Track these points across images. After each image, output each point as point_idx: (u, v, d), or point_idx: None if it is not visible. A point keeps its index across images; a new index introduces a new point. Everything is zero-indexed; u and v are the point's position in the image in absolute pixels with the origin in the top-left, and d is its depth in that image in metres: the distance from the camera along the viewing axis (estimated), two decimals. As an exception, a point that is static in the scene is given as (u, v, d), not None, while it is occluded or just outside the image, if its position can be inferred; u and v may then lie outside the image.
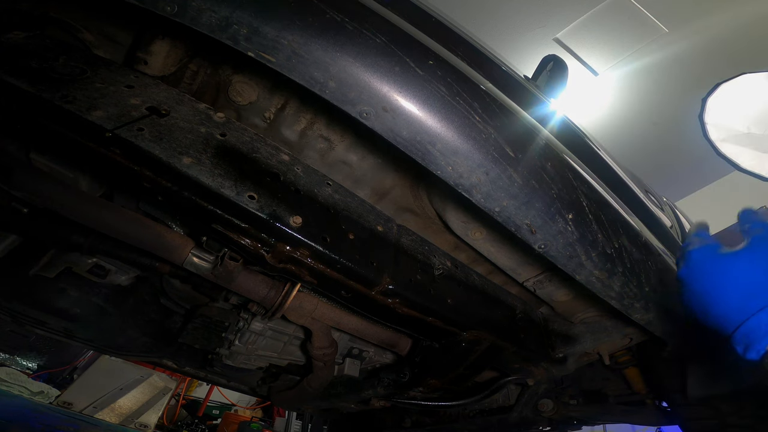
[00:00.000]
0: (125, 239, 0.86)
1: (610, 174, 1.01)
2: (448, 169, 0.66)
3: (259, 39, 0.58)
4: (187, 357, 1.59)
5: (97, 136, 0.67)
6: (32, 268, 1.12)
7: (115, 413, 2.63)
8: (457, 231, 1.00)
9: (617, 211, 0.82)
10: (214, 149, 0.74)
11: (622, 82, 3.05)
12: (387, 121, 0.63)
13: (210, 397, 3.78)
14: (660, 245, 0.94)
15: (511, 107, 0.71)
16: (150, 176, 0.70)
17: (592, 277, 0.80)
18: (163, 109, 0.74)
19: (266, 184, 0.76)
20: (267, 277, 1.00)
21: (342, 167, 1.01)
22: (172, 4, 0.57)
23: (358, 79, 0.60)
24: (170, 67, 0.87)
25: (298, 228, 0.76)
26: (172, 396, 3.23)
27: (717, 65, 2.70)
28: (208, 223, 0.75)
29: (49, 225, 0.91)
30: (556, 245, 0.75)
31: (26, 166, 0.86)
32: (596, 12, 2.65)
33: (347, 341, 1.38)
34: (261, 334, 1.27)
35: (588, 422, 1.65)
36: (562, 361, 1.25)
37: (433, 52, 0.66)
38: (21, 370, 2.80)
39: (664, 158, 3.52)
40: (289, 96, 0.91)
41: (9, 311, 1.18)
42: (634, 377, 1.40)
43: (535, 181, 0.69)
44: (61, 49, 0.75)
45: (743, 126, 2.46)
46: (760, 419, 1.08)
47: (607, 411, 1.50)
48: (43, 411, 2.22)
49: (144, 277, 1.31)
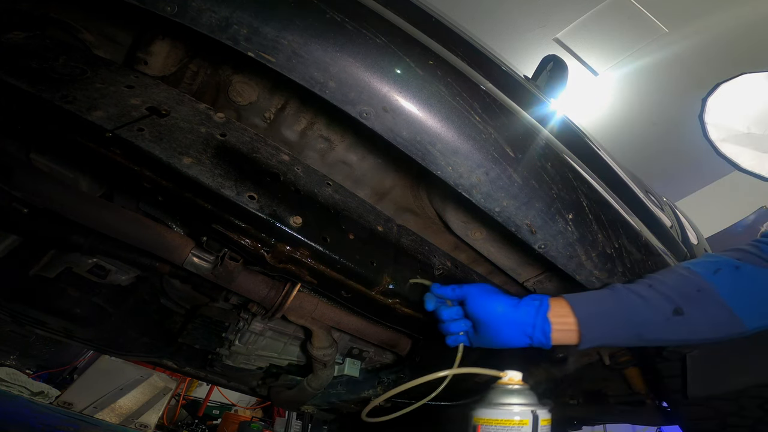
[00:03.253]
0: (125, 239, 0.86)
1: (610, 174, 1.01)
2: (448, 169, 0.66)
3: (259, 39, 0.58)
4: (187, 357, 1.60)
5: (97, 136, 0.67)
6: (32, 268, 1.12)
7: (116, 413, 2.63)
8: (457, 231, 1.00)
9: (617, 211, 0.82)
10: (215, 149, 0.74)
11: (622, 82, 3.04)
12: (387, 121, 0.63)
13: (210, 397, 3.78)
14: (660, 245, 0.93)
15: (511, 107, 0.71)
16: (150, 176, 0.70)
17: (593, 277, 0.80)
18: (163, 110, 0.74)
19: (266, 184, 0.76)
20: (267, 277, 1.00)
21: (342, 167, 1.01)
22: (172, 5, 0.57)
23: (358, 79, 0.60)
24: (170, 68, 0.87)
25: (298, 228, 0.76)
26: (172, 396, 3.23)
27: (717, 65, 2.70)
28: (209, 223, 0.75)
29: (49, 225, 0.91)
30: (556, 245, 0.75)
31: (26, 166, 0.86)
32: (596, 12, 2.65)
33: (347, 341, 1.38)
34: (261, 334, 1.27)
35: (588, 422, 1.65)
36: (562, 361, 1.25)
37: (433, 52, 0.66)
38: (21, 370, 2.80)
39: (664, 158, 3.52)
40: (289, 96, 0.91)
41: (9, 311, 1.18)
42: (634, 377, 1.40)
43: (535, 181, 0.69)
44: (61, 49, 0.75)
45: (743, 126, 2.45)
46: (760, 419, 1.08)
47: (607, 411, 1.50)
48: (43, 411, 2.22)
49: (144, 277, 1.31)
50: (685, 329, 0.64)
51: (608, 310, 0.67)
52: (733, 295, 0.62)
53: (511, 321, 0.67)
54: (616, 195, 0.90)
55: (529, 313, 0.66)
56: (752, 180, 2.60)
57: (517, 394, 0.62)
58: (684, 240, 1.17)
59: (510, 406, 0.60)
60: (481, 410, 0.62)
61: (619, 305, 0.66)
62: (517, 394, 0.63)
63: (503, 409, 0.60)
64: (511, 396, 0.62)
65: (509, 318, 0.67)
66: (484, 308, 0.69)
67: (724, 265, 0.65)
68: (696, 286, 0.64)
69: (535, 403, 0.62)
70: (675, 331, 0.64)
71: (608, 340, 0.67)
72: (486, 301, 0.70)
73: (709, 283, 0.63)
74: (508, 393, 0.63)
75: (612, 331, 0.66)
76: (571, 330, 0.65)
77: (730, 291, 0.62)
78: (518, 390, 0.63)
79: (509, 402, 0.61)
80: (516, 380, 0.65)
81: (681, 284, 0.65)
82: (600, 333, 0.66)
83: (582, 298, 0.68)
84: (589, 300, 0.68)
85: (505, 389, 0.64)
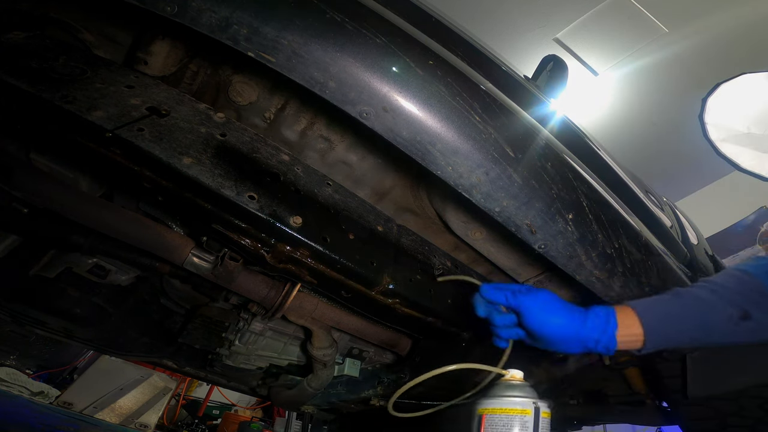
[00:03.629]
0: (125, 239, 0.86)
1: (610, 174, 1.01)
2: (448, 169, 0.66)
3: (259, 39, 0.58)
4: (187, 357, 1.60)
5: (97, 136, 0.67)
6: (32, 268, 1.12)
7: (116, 413, 2.63)
8: (457, 231, 1.00)
9: (617, 211, 0.82)
10: (215, 149, 0.74)
11: (622, 82, 3.04)
12: (387, 121, 0.63)
13: (210, 397, 3.78)
14: (660, 245, 0.93)
15: (511, 107, 0.71)
16: (150, 176, 0.70)
17: (593, 277, 0.80)
18: (163, 110, 0.74)
19: (266, 185, 0.76)
20: (267, 277, 1.00)
21: (342, 167, 1.01)
22: (172, 5, 0.57)
23: (358, 79, 0.60)
24: (170, 68, 0.87)
25: (299, 228, 0.76)
26: (172, 396, 3.23)
27: (717, 65, 2.70)
28: (209, 223, 0.75)
29: (49, 225, 0.91)
30: (556, 245, 0.75)
31: (26, 166, 0.86)
32: (596, 12, 2.65)
33: (347, 341, 1.38)
34: (261, 334, 1.27)
35: (588, 422, 1.65)
36: (562, 361, 1.25)
37: (433, 52, 0.66)
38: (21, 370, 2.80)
39: (664, 158, 3.52)
40: (289, 96, 0.91)
41: (9, 311, 1.18)
42: (634, 377, 1.40)
43: (535, 181, 0.69)
44: (61, 49, 0.75)
45: (743, 126, 2.45)
46: (760, 419, 1.08)
47: (607, 411, 1.50)
48: (43, 411, 2.22)
49: (144, 277, 1.31)
50: (750, 333, 0.64)
51: (675, 317, 0.66)
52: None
53: (574, 338, 0.65)
54: (616, 195, 0.90)
55: (596, 330, 0.65)
56: (752, 180, 2.60)
57: (520, 388, 0.65)
58: (684, 240, 1.17)
59: (513, 397, 0.63)
60: (485, 402, 0.64)
61: (684, 311, 0.66)
62: (519, 388, 0.65)
63: (507, 400, 0.63)
64: (513, 389, 0.65)
65: (572, 336, 0.65)
66: (543, 326, 0.66)
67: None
68: (758, 290, 0.64)
69: (536, 397, 0.64)
70: (740, 334, 0.64)
71: (670, 344, 0.67)
72: (546, 319, 0.66)
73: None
74: (511, 387, 0.66)
75: (677, 336, 0.66)
76: (637, 340, 0.65)
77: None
78: (520, 385, 0.66)
79: (512, 394, 0.64)
80: (518, 377, 0.68)
81: (744, 289, 0.65)
82: (665, 338, 0.66)
83: (649, 306, 0.67)
84: (655, 308, 0.67)
85: (508, 384, 0.66)
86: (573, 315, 0.66)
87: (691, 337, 0.66)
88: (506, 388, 0.65)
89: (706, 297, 0.66)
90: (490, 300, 0.72)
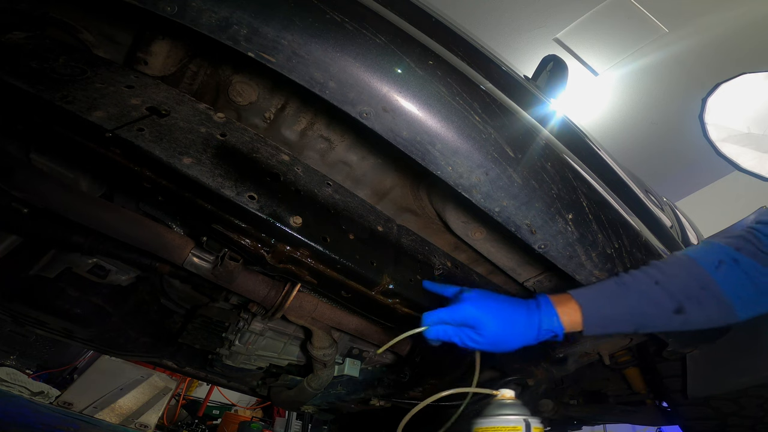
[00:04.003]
0: (125, 239, 0.86)
1: (610, 174, 1.01)
2: (448, 169, 0.66)
3: (259, 39, 0.58)
4: (187, 357, 1.60)
5: (97, 136, 0.67)
6: (32, 268, 1.12)
7: (116, 413, 2.63)
8: (457, 231, 1.00)
9: (617, 211, 0.82)
10: (215, 149, 0.74)
11: (622, 82, 3.04)
12: (387, 121, 0.63)
13: (210, 397, 3.78)
14: (660, 245, 0.93)
15: (511, 107, 0.71)
16: (150, 176, 0.70)
17: (593, 277, 0.80)
18: (163, 110, 0.74)
19: (266, 185, 0.76)
20: (267, 277, 1.00)
21: (342, 167, 1.01)
22: (172, 5, 0.57)
23: (358, 79, 0.60)
24: (170, 68, 0.87)
25: (299, 228, 0.76)
26: (173, 396, 3.23)
27: (717, 65, 2.70)
28: (209, 224, 0.75)
29: (49, 225, 0.91)
30: (556, 245, 0.75)
31: (26, 166, 0.86)
32: (596, 12, 2.65)
33: (347, 341, 1.38)
34: (261, 335, 1.27)
35: (588, 422, 1.65)
36: (562, 361, 1.25)
37: (433, 52, 0.66)
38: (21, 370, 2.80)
39: (664, 158, 3.52)
40: (289, 96, 0.91)
41: (9, 311, 1.18)
42: (634, 377, 1.40)
43: (535, 181, 0.69)
44: (61, 49, 0.75)
45: (743, 126, 2.45)
46: (760, 419, 1.08)
47: (607, 411, 1.50)
48: (43, 411, 2.21)
49: (144, 277, 1.31)
50: (681, 324, 0.68)
51: (614, 308, 0.69)
52: (733, 290, 0.65)
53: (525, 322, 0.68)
54: (616, 195, 0.90)
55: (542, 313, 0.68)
56: (752, 180, 2.60)
57: (510, 406, 0.71)
58: (684, 240, 1.17)
59: (504, 416, 0.69)
60: (480, 421, 0.70)
61: (625, 301, 0.68)
62: (509, 406, 0.71)
63: (499, 419, 0.69)
64: (504, 408, 0.71)
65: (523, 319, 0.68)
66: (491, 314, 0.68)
67: (725, 257, 0.67)
68: (700, 283, 0.66)
69: (527, 413, 0.69)
70: (673, 325, 0.68)
71: (608, 331, 0.69)
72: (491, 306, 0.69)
73: (712, 279, 0.66)
74: (502, 406, 0.71)
75: (613, 325, 0.69)
76: (576, 320, 0.68)
77: (730, 286, 0.65)
78: (511, 403, 0.72)
79: (503, 413, 0.70)
80: (509, 396, 0.73)
81: (688, 280, 0.67)
82: (602, 327, 0.69)
83: (591, 296, 0.70)
84: (597, 300, 0.70)
85: (500, 403, 0.72)
86: (513, 300, 0.70)
87: (628, 324, 0.69)
88: (498, 407, 0.71)
89: (647, 289, 0.68)
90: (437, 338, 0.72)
